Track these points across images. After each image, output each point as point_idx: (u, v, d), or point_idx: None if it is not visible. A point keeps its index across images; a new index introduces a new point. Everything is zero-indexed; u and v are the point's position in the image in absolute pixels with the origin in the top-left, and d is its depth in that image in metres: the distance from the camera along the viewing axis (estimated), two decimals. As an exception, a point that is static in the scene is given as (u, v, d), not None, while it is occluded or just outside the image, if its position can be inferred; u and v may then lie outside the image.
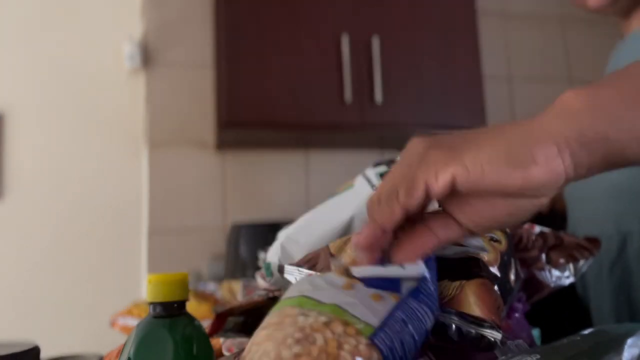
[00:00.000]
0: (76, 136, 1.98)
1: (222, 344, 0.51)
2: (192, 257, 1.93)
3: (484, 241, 0.40)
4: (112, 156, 2.00)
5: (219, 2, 1.80)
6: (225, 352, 0.50)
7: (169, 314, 0.37)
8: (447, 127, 1.95)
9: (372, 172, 0.56)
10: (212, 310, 0.67)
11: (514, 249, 0.43)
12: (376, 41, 1.86)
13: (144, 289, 1.85)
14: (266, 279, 0.57)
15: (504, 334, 0.34)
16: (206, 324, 0.56)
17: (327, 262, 0.45)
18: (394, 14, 1.93)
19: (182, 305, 0.38)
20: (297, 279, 0.46)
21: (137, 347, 0.36)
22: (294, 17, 1.84)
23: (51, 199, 1.92)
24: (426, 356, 0.36)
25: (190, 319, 0.38)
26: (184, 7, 2.08)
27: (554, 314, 0.60)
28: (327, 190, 1.89)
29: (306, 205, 2.06)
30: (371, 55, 1.86)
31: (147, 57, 2.02)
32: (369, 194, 0.55)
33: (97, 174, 1.97)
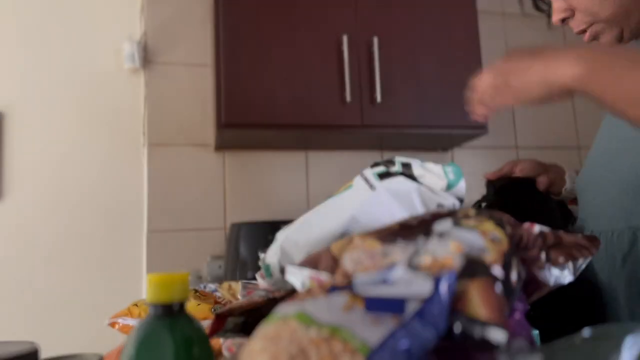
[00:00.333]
0: (76, 136, 1.98)
1: (222, 344, 0.51)
2: (192, 257, 1.93)
3: (486, 241, 0.40)
4: (112, 156, 1.99)
5: (219, 2, 1.80)
6: (225, 352, 0.50)
7: (169, 315, 0.37)
8: (447, 127, 1.95)
9: (370, 173, 0.56)
10: (212, 310, 0.67)
11: (515, 249, 0.43)
12: (376, 41, 1.86)
13: (144, 289, 1.85)
14: (266, 280, 0.57)
15: (507, 334, 0.34)
16: (206, 324, 0.56)
17: (329, 263, 0.45)
18: (394, 15, 1.93)
19: (182, 305, 0.38)
20: (298, 279, 0.46)
21: (137, 348, 0.36)
22: (294, 17, 1.84)
23: (51, 199, 1.92)
24: (428, 357, 0.36)
25: (190, 319, 0.38)
26: (183, 7, 2.08)
27: (553, 314, 0.61)
28: (327, 190, 1.88)
29: (306, 205, 2.06)
30: (371, 55, 1.86)
31: (147, 57, 2.02)
32: (367, 194, 0.55)
33: (96, 174, 1.97)
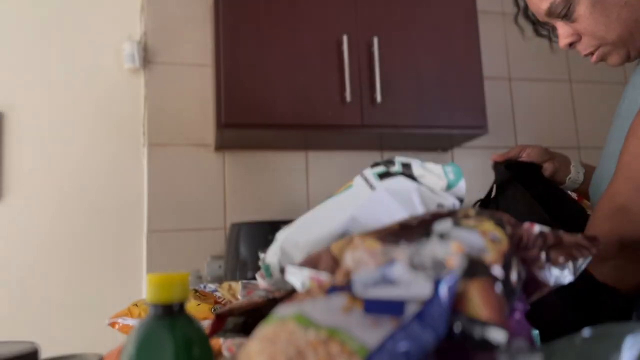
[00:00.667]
0: (76, 136, 1.97)
1: (222, 344, 0.51)
2: (192, 257, 1.93)
3: (486, 241, 0.40)
4: (112, 156, 1.99)
5: (219, 2, 1.80)
6: (225, 352, 0.50)
7: (169, 315, 0.37)
8: (447, 127, 1.95)
9: (370, 173, 0.56)
10: (212, 310, 0.67)
11: (515, 249, 0.43)
12: (376, 41, 1.86)
13: (144, 289, 1.85)
14: (266, 280, 0.57)
15: (507, 334, 0.34)
16: (206, 324, 0.56)
17: (329, 263, 0.45)
18: (394, 14, 1.93)
19: (182, 305, 0.38)
20: (298, 279, 0.46)
21: (137, 348, 0.36)
22: (294, 17, 1.84)
23: (51, 199, 1.92)
24: (428, 357, 0.36)
25: (190, 320, 0.38)
26: (183, 8, 2.08)
27: (552, 314, 0.61)
28: (327, 190, 1.89)
29: (306, 205, 2.06)
30: (371, 55, 1.86)
31: (147, 57, 2.02)
32: (367, 194, 0.55)
33: (96, 174, 1.97)
